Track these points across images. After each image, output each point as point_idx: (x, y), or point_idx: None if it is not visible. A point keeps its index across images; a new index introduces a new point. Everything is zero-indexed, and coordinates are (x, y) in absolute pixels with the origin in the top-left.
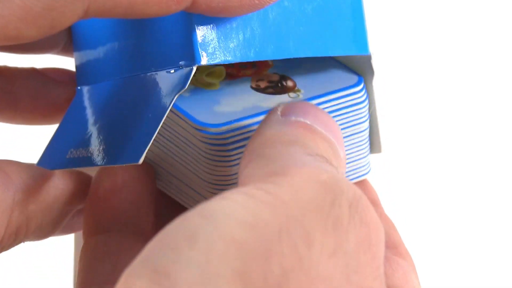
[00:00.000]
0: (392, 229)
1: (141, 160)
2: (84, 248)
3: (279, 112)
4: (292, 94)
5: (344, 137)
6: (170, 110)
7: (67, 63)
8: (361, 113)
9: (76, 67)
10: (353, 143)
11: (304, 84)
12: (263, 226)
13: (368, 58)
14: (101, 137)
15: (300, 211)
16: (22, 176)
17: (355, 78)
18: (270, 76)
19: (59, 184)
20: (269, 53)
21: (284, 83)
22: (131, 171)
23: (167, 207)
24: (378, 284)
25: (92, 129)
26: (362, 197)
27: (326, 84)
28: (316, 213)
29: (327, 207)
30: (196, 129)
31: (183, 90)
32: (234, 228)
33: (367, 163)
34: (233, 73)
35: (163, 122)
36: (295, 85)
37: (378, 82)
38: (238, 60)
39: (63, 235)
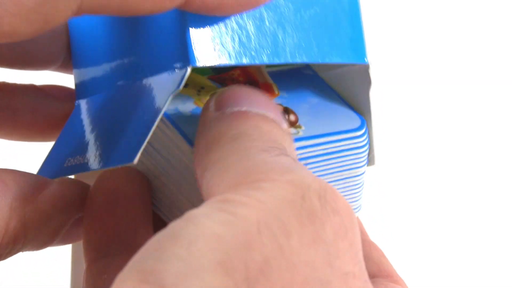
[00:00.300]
0: (382, 257)
1: (136, 160)
2: (86, 275)
3: (212, 108)
4: (292, 130)
5: (340, 179)
6: (170, 130)
7: (67, 80)
8: (360, 157)
9: (76, 84)
10: (348, 185)
11: (306, 120)
12: (242, 221)
13: (367, 92)
14: (97, 143)
15: (275, 207)
16: (19, 184)
17: (357, 121)
18: None
19: (56, 192)
20: (265, 58)
21: (287, 116)
22: (125, 187)
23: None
24: (358, 269)
25: (89, 137)
26: (328, 187)
27: (328, 123)
28: (290, 208)
29: (299, 202)
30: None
31: (177, 91)
32: (214, 225)
33: (359, 204)
34: None
35: (162, 142)
36: (297, 120)
37: (374, 92)
38: (233, 63)
39: (62, 245)
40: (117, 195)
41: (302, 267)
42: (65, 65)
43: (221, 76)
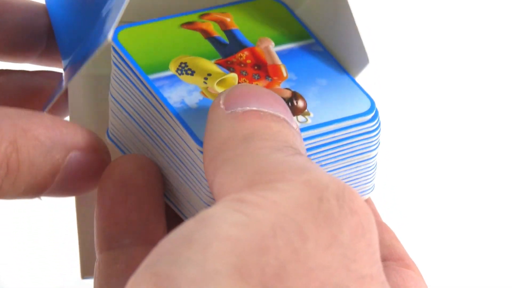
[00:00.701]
0: (394, 240)
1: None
2: (98, 265)
3: (222, 106)
4: (300, 118)
5: (351, 164)
6: (177, 126)
7: None
8: (372, 141)
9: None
10: (360, 169)
11: (315, 105)
12: (257, 224)
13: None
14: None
15: (291, 209)
16: (14, 112)
17: (367, 103)
18: (282, 92)
19: (51, 123)
20: None
21: (295, 102)
22: (137, 176)
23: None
24: (376, 271)
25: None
26: (346, 187)
27: (337, 108)
28: (307, 210)
29: (316, 204)
30: (200, 151)
31: None
32: (229, 228)
33: (373, 184)
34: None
35: (170, 136)
36: (305, 106)
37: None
38: None
39: (64, 195)
40: (129, 184)
41: (318, 272)
42: (47, 54)
43: (229, 60)
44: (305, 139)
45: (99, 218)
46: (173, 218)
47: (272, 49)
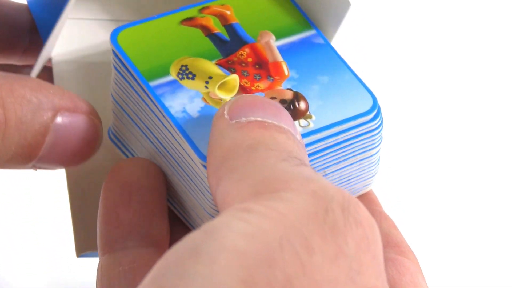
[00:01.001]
0: (392, 228)
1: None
2: (100, 267)
3: (226, 116)
4: (302, 122)
5: (355, 162)
6: (179, 136)
7: None
8: (374, 139)
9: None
10: (362, 166)
11: (317, 106)
12: (264, 236)
13: None
14: None
15: (297, 221)
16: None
17: (369, 101)
18: (283, 93)
19: (37, 85)
20: None
21: (297, 104)
22: (141, 179)
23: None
24: (381, 283)
25: None
26: (351, 198)
27: (339, 108)
28: (313, 222)
29: (322, 215)
30: (204, 165)
31: None
32: (236, 239)
33: (373, 180)
34: (246, 86)
35: (172, 145)
36: (307, 108)
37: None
38: None
39: (57, 163)
40: (133, 187)
41: (325, 285)
42: (30, 51)
43: (229, 59)
44: (308, 144)
45: (102, 220)
46: (176, 220)
47: (273, 44)
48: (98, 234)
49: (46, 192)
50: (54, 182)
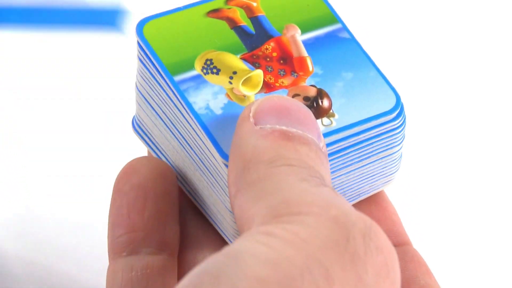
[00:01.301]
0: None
1: None
2: (111, 271)
3: (252, 120)
4: (325, 121)
5: (376, 160)
6: (202, 134)
7: None
8: (397, 137)
9: None
10: (384, 163)
11: (340, 103)
12: (286, 264)
13: None
14: None
15: (318, 250)
16: None
17: (393, 99)
18: (307, 90)
19: None
20: None
21: (320, 102)
22: (153, 182)
23: (189, 212)
24: None
25: None
26: (372, 224)
27: (363, 106)
28: (334, 251)
29: (343, 243)
30: (225, 164)
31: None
32: (258, 266)
33: (395, 176)
34: (270, 82)
35: (195, 142)
36: (330, 106)
37: None
38: None
39: None
40: (148, 192)
41: None
42: None
43: (254, 54)
44: (330, 144)
45: (115, 224)
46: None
47: (298, 38)
48: (108, 237)
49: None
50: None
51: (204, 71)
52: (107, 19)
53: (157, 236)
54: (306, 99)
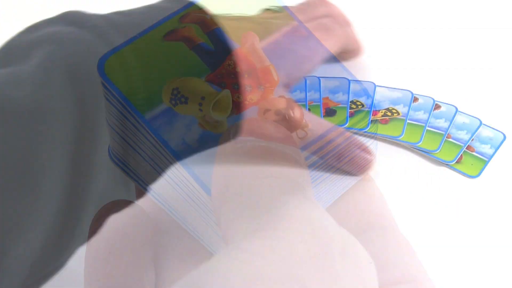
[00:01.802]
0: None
1: None
2: None
3: (232, 140)
4: (300, 133)
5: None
6: (183, 170)
7: None
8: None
9: None
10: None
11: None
12: (261, 282)
13: None
14: None
15: (295, 265)
16: None
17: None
18: (277, 102)
19: None
20: None
21: (292, 113)
22: (131, 230)
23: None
24: None
25: None
26: (349, 238)
27: None
28: (311, 266)
29: (321, 259)
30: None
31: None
32: (235, 283)
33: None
34: (239, 101)
35: (176, 173)
36: (302, 115)
37: None
38: None
39: None
40: (122, 241)
41: None
42: None
43: (218, 73)
44: (308, 157)
45: (89, 277)
46: None
47: (257, 45)
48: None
49: None
50: None
51: (173, 102)
52: None
53: (135, 285)
54: (278, 113)
